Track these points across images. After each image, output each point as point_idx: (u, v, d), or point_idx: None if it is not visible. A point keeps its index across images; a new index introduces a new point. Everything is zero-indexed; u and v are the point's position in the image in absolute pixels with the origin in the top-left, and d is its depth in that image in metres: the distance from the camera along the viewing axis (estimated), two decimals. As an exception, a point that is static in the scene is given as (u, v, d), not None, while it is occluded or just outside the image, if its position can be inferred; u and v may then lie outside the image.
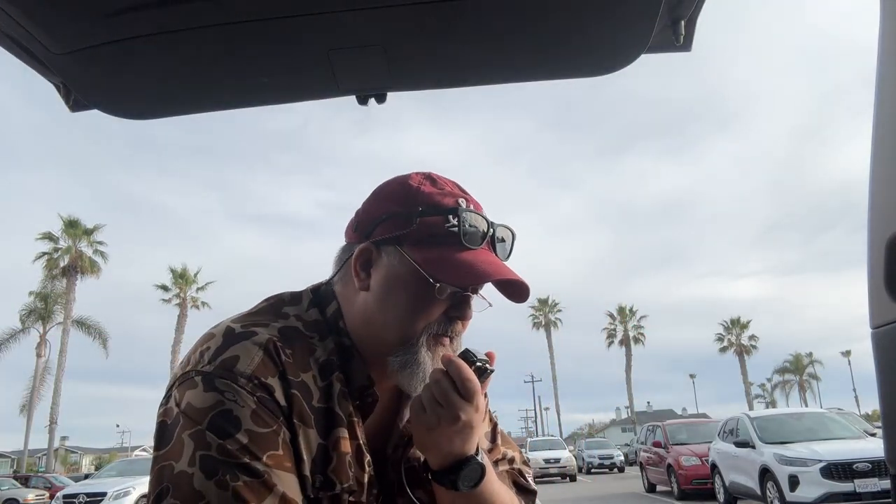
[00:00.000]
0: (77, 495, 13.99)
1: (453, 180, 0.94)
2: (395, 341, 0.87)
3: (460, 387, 0.83)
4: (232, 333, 0.82)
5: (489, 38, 1.17)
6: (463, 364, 0.85)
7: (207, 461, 0.73)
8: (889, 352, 0.88)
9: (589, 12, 1.11)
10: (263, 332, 0.82)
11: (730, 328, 53.06)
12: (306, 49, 1.16)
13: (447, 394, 0.83)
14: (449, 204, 0.89)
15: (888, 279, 0.87)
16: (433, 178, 0.93)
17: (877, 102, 0.92)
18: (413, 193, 0.89)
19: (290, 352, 0.82)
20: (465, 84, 1.35)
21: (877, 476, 8.54)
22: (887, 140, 0.90)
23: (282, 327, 0.85)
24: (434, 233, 0.87)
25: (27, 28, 1.03)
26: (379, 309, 0.88)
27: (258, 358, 0.79)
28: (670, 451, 13.90)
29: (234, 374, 0.77)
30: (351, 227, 0.95)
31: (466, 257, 0.86)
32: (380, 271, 0.89)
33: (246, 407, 0.75)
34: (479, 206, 0.92)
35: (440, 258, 0.86)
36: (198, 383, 0.77)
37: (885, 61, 0.91)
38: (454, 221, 0.87)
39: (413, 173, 0.93)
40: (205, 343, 0.83)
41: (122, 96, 1.31)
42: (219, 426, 0.74)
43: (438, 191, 0.90)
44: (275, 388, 0.78)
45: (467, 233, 0.87)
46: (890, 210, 0.88)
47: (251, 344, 0.80)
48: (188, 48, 1.13)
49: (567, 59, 1.27)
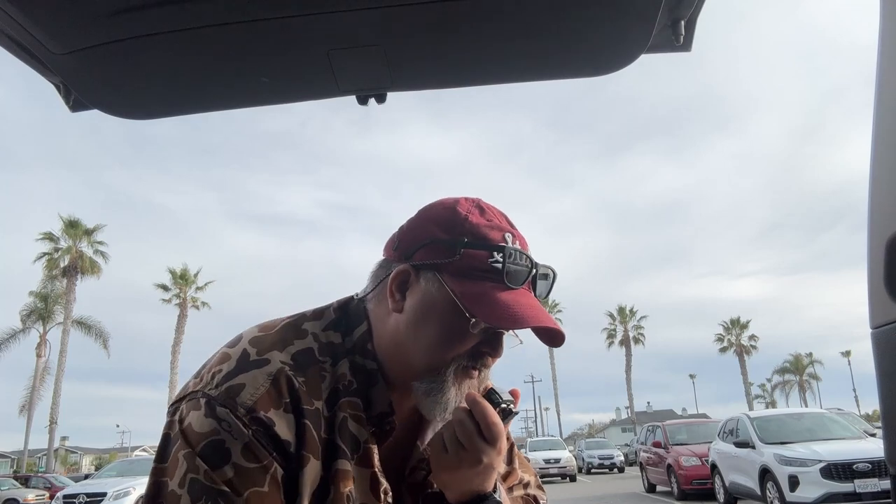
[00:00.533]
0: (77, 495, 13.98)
1: (502, 211, 0.92)
2: (422, 368, 0.86)
3: (484, 430, 0.83)
4: (246, 359, 0.81)
5: (489, 38, 1.17)
6: (488, 406, 0.83)
7: (195, 485, 0.74)
8: (889, 352, 0.88)
9: (589, 12, 1.11)
10: (276, 361, 0.81)
11: (730, 328, 53.07)
12: (306, 49, 1.16)
13: (471, 437, 0.83)
14: (495, 239, 0.86)
15: (888, 279, 0.87)
16: (482, 206, 0.90)
17: (877, 102, 0.92)
18: (460, 221, 0.87)
19: (303, 379, 0.81)
20: (465, 84, 1.35)
21: (877, 476, 8.54)
22: (887, 140, 0.90)
23: (296, 352, 0.84)
24: (477, 266, 0.85)
25: (27, 28, 1.04)
26: (410, 334, 0.86)
27: (263, 389, 0.78)
28: (670, 451, 13.90)
29: (235, 405, 0.77)
30: (391, 244, 0.92)
31: (507, 297, 0.84)
32: (415, 296, 0.87)
33: (239, 440, 0.76)
34: (524, 242, 0.90)
35: (480, 294, 0.84)
36: (201, 406, 0.78)
37: (885, 61, 0.91)
38: (499, 258, 0.85)
39: (462, 198, 0.91)
40: (220, 364, 0.82)
41: (122, 96, 1.31)
42: (209, 455, 0.75)
43: (486, 222, 0.88)
44: (275, 422, 0.77)
45: (510, 272, 0.85)
46: (890, 210, 0.88)
47: (261, 373, 0.79)
48: (188, 48, 1.13)
49: (567, 59, 1.27)
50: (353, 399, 0.85)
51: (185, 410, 0.79)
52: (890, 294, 0.87)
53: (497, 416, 0.84)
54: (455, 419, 0.85)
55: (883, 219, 0.89)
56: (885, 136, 0.91)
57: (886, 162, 0.90)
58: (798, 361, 64.34)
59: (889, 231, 0.86)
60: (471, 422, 0.83)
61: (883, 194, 0.91)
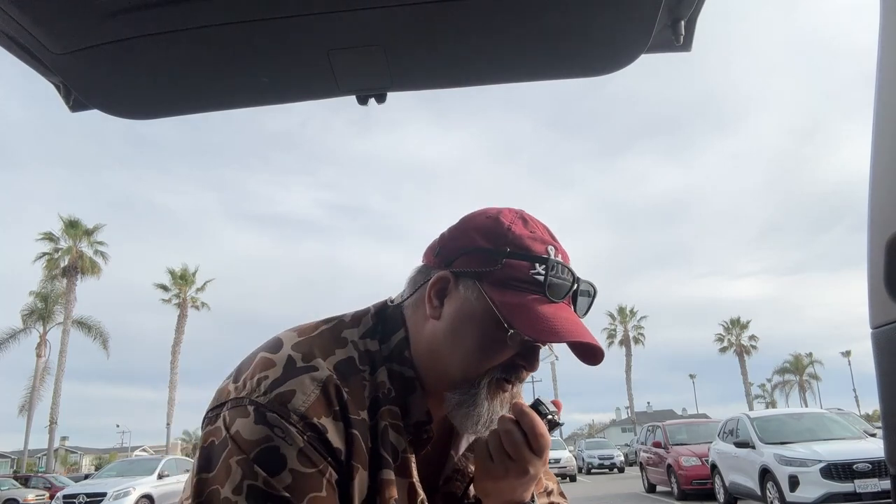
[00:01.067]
0: (77, 495, 14.00)
1: (545, 224, 0.91)
2: (457, 377, 0.85)
3: (532, 441, 0.83)
4: (293, 365, 0.80)
5: (489, 38, 1.17)
6: (536, 417, 0.83)
7: (254, 492, 0.73)
8: (889, 352, 0.89)
9: (589, 12, 1.11)
10: (324, 368, 0.80)
11: (730, 328, 53.11)
12: (306, 49, 1.16)
13: (519, 447, 0.82)
14: (538, 251, 0.85)
15: (888, 279, 0.87)
16: (525, 218, 0.89)
17: (877, 102, 0.92)
18: (503, 232, 0.86)
19: (348, 389, 0.80)
20: (465, 84, 1.35)
21: (877, 476, 8.54)
22: (887, 140, 0.90)
23: (338, 362, 0.83)
24: (518, 277, 0.83)
25: (27, 28, 1.04)
26: (446, 341, 0.85)
27: (314, 396, 0.77)
28: (670, 451, 13.90)
29: (288, 411, 0.75)
30: (432, 250, 0.91)
31: (547, 310, 0.82)
32: (454, 303, 0.86)
33: (293, 446, 0.74)
34: (566, 256, 0.89)
35: (520, 305, 0.82)
36: (250, 413, 0.76)
37: (885, 61, 0.91)
38: (541, 270, 0.83)
39: (506, 209, 0.90)
40: (263, 370, 0.80)
41: (122, 96, 1.31)
42: (265, 461, 0.74)
43: (529, 234, 0.87)
44: (328, 428, 0.76)
45: (552, 285, 0.84)
46: (890, 210, 0.88)
47: (310, 380, 0.78)
48: (188, 48, 1.13)
49: (567, 59, 1.27)
50: (392, 408, 0.84)
51: (228, 418, 0.77)
52: (890, 294, 0.87)
53: (544, 429, 0.84)
54: (502, 429, 0.84)
55: (883, 219, 0.89)
56: (885, 136, 0.91)
57: (886, 162, 0.90)
58: (798, 361, 64.35)
59: (889, 231, 0.86)
60: (519, 432, 0.83)
61: (883, 194, 0.91)
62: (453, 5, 1.06)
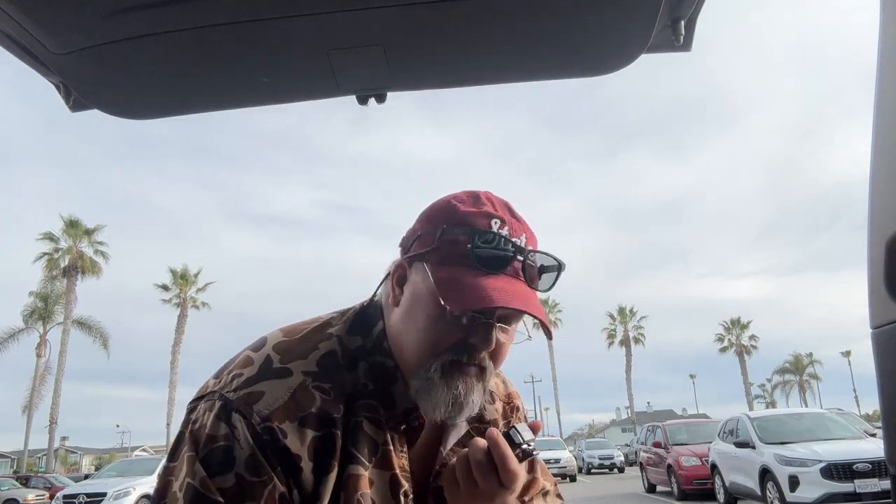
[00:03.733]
0: (77, 495, 14.00)
1: (506, 201, 0.89)
2: (413, 363, 0.84)
3: (501, 474, 0.80)
4: (269, 366, 0.81)
5: (489, 38, 1.17)
6: (507, 451, 0.79)
7: (190, 492, 0.75)
8: (889, 352, 0.89)
9: (589, 12, 1.11)
10: (298, 373, 0.81)
11: (730, 328, 53.08)
12: (306, 49, 1.16)
13: (486, 478, 0.80)
14: (479, 224, 0.83)
15: (888, 279, 0.87)
16: (478, 195, 0.88)
17: (877, 102, 0.92)
18: (450, 211, 0.86)
19: (329, 385, 0.81)
20: (465, 84, 1.35)
21: (877, 476, 8.53)
22: (887, 140, 0.90)
23: (320, 358, 0.84)
24: (456, 252, 0.83)
25: (27, 28, 1.04)
26: (403, 326, 0.86)
27: (282, 401, 0.78)
28: (670, 451, 13.89)
29: (252, 411, 0.76)
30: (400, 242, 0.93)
31: (480, 282, 0.80)
32: (408, 288, 0.86)
33: (245, 450, 0.75)
34: (521, 229, 0.86)
35: (453, 279, 0.81)
36: (216, 407, 0.78)
37: (885, 61, 0.91)
38: (479, 242, 0.82)
39: (462, 191, 0.89)
40: (241, 367, 0.82)
41: (122, 96, 1.31)
42: (211, 461, 0.75)
43: (475, 210, 0.85)
44: (288, 435, 0.76)
45: (485, 255, 0.82)
46: (890, 210, 0.88)
47: (281, 385, 0.79)
48: (188, 48, 1.13)
49: (567, 59, 1.27)
50: (369, 401, 0.84)
51: (200, 410, 0.80)
52: (890, 294, 0.87)
53: (515, 462, 0.80)
54: (472, 458, 0.81)
55: (883, 219, 0.89)
56: (885, 136, 0.91)
57: (886, 162, 0.90)
58: (798, 361, 64.35)
59: (889, 231, 0.86)
60: (488, 463, 0.80)
61: (883, 194, 0.91)
62: (453, 5, 1.06)
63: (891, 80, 0.90)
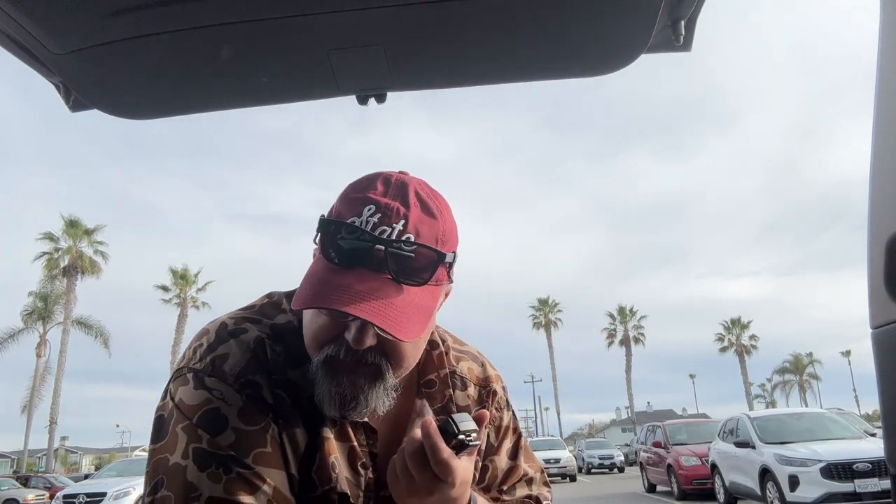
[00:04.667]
0: (77, 495, 13.98)
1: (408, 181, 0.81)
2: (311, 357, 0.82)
3: (434, 467, 0.76)
4: (224, 331, 0.84)
5: (489, 38, 1.17)
6: (438, 442, 0.75)
7: (200, 454, 0.75)
8: (889, 352, 0.89)
9: (589, 12, 1.11)
10: (253, 330, 0.83)
11: (730, 328, 53.07)
12: (306, 49, 1.16)
13: (420, 471, 0.77)
14: (351, 212, 0.77)
15: (888, 279, 0.87)
16: (374, 179, 0.81)
17: (877, 102, 0.92)
18: (339, 197, 0.81)
19: (280, 349, 0.83)
20: (464, 84, 1.35)
21: (877, 476, 8.54)
22: (887, 140, 0.90)
23: (274, 324, 0.86)
24: (325, 242, 0.78)
25: (27, 28, 1.04)
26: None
27: (247, 357, 0.81)
28: (670, 451, 13.89)
29: (224, 373, 0.79)
30: None
31: (329, 277, 0.75)
32: None
33: (233, 406, 0.77)
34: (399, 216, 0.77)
35: (312, 273, 0.78)
36: (189, 380, 0.80)
37: (885, 61, 0.91)
38: (344, 234, 0.76)
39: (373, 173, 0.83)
40: (199, 339, 0.85)
41: (122, 96, 1.31)
42: (207, 423, 0.76)
43: (357, 196, 0.79)
44: (262, 385, 0.79)
45: (338, 248, 0.76)
46: (890, 210, 0.88)
47: (241, 342, 0.82)
48: (188, 48, 1.13)
49: (567, 59, 1.27)
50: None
51: (172, 388, 0.81)
52: (890, 294, 0.87)
53: (447, 453, 0.76)
54: (406, 450, 0.78)
55: (883, 219, 0.89)
56: (885, 136, 0.91)
57: (886, 162, 0.90)
58: (798, 361, 64.35)
59: (889, 231, 0.86)
60: (422, 455, 0.76)
61: (883, 194, 0.91)
62: (453, 5, 1.06)
63: (891, 80, 0.90)
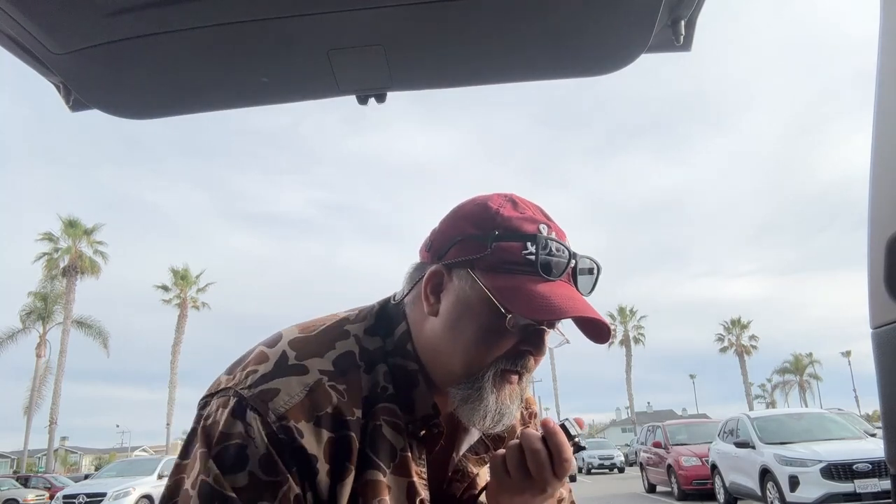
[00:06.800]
0: (77, 495, 13.99)
1: (537, 204, 0.88)
2: (460, 372, 0.82)
3: (556, 464, 0.80)
4: (284, 362, 0.79)
5: (489, 38, 1.17)
6: (565, 440, 0.81)
7: (204, 488, 0.73)
8: (889, 352, 0.89)
9: (589, 12, 1.11)
10: (315, 370, 0.79)
11: (730, 328, 53.08)
12: (306, 49, 1.16)
13: (542, 468, 0.80)
14: (528, 230, 0.82)
15: (888, 279, 0.87)
16: (515, 200, 0.87)
17: (877, 102, 0.92)
18: (491, 216, 0.84)
19: (345, 387, 0.79)
20: (464, 84, 1.35)
21: (877, 476, 8.54)
22: (887, 140, 0.90)
23: (337, 357, 0.82)
24: (510, 259, 0.81)
25: (27, 28, 1.04)
26: (447, 337, 0.83)
27: (298, 399, 0.76)
28: (670, 451, 13.89)
29: (267, 409, 0.74)
30: (425, 246, 0.89)
31: (543, 289, 0.80)
32: (450, 296, 0.84)
33: (259, 449, 0.73)
34: (562, 233, 0.86)
35: (514, 287, 0.80)
36: (230, 404, 0.76)
37: (885, 61, 0.91)
38: (532, 249, 0.81)
39: (494, 194, 0.88)
40: (257, 363, 0.80)
41: (122, 96, 1.31)
42: (224, 459, 0.73)
43: (519, 215, 0.84)
44: (304, 434, 0.75)
45: (545, 262, 0.81)
46: (890, 210, 0.88)
47: (298, 381, 0.77)
48: (188, 48, 1.13)
49: (567, 59, 1.27)
50: (388, 405, 0.82)
51: (213, 407, 0.77)
52: (890, 294, 0.87)
53: (570, 452, 0.81)
54: (528, 447, 0.81)
55: (883, 219, 0.89)
56: (885, 136, 0.91)
57: (886, 162, 0.90)
58: (798, 361, 64.32)
59: (889, 231, 0.86)
60: (545, 452, 0.80)
61: (883, 194, 0.91)
62: (453, 5, 1.06)
63: (891, 80, 0.90)
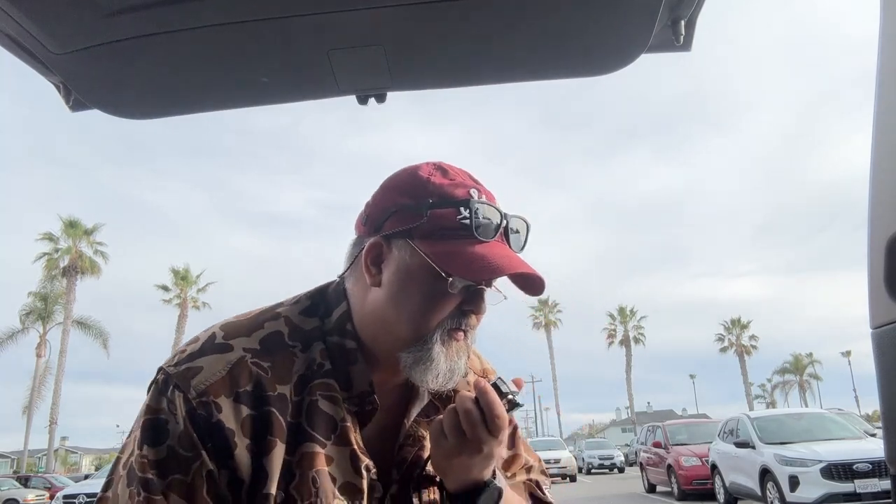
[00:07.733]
0: (77, 495, 14.00)
1: (465, 170, 0.91)
2: (409, 337, 0.86)
3: (489, 422, 0.82)
4: (211, 342, 0.84)
5: (489, 38, 1.18)
6: (496, 398, 0.83)
7: (129, 468, 0.78)
8: (889, 352, 0.89)
9: (589, 12, 1.11)
10: (239, 348, 0.83)
11: (730, 328, 53.07)
12: (306, 49, 1.16)
13: (475, 427, 0.82)
14: (460, 195, 0.86)
15: (888, 279, 0.87)
16: (444, 168, 0.90)
17: (877, 102, 0.92)
18: (423, 184, 0.87)
19: (269, 364, 0.83)
20: (464, 84, 1.35)
21: (877, 476, 8.54)
22: (887, 140, 0.90)
23: (264, 337, 0.85)
24: (446, 225, 0.84)
25: (27, 28, 1.04)
26: (392, 305, 0.86)
27: (219, 375, 0.80)
28: (670, 451, 13.90)
29: (189, 386, 0.79)
30: (360, 220, 0.92)
31: (479, 250, 0.84)
32: (391, 266, 0.87)
33: (180, 424, 0.78)
34: (491, 196, 0.90)
35: (452, 251, 0.84)
36: (158, 382, 0.81)
37: (885, 61, 0.91)
38: (466, 213, 0.84)
39: (423, 164, 0.91)
40: (190, 344, 0.85)
41: (122, 96, 1.31)
42: (149, 432, 0.78)
43: (450, 181, 0.87)
44: (223, 408, 0.78)
45: (480, 225, 0.85)
46: (890, 210, 0.88)
47: (220, 359, 0.81)
48: (188, 48, 1.13)
49: (567, 59, 1.27)
50: (326, 381, 0.86)
51: (149, 387, 0.83)
52: (890, 294, 0.87)
53: (503, 409, 0.83)
54: (460, 407, 0.83)
55: (883, 219, 0.89)
56: (885, 136, 0.91)
57: (886, 162, 0.90)
58: (798, 361, 64.30)
59: (889, 231, 0.87)
60: (477, 411, 0.82)
61: (883, 194, 0.91)
62: (453, 5, 1.06)
63: (891, 80, 0.90)
